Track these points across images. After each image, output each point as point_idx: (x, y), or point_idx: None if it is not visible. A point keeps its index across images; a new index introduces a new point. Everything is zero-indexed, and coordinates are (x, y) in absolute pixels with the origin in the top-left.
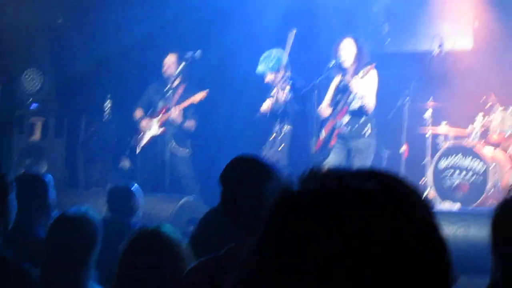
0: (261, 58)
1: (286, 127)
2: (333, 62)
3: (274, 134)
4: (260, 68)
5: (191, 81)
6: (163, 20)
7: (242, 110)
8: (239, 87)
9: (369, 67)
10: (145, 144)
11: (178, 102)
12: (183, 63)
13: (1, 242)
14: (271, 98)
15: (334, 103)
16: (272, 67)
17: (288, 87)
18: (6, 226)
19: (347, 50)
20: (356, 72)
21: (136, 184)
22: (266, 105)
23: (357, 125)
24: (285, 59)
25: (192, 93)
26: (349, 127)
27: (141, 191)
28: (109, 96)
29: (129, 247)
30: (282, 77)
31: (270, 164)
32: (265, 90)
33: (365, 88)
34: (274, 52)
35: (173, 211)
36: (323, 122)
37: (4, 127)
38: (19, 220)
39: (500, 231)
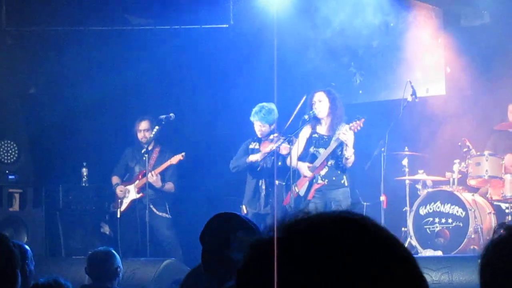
0: (256, 109)
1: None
2: (306, 116)
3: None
4: (254, 119)
5: (166, 144)
6: (136, 85)
7: (220, 170)
8: (214, 147)
9: (358, 122)
10: (124, 210)
11: (154, 166)
12: (157, 127)
13: None
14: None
15: (310, 156)
16: (267, 119)
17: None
18: None
19: (320, 103)
20: (332, 124)
21: (112, 249)
22: (255, 157)
23: (334, 177)
24: (276, 114)
25: (168, 156)
26: (326, 180)
27: (117, 255)
28: (85, 164)
29: None
30: (281, 133)
31: (250, 221)
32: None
33: (348, 142)
34: (268, 105)
35: (155, 274)
36: (295, 175)
37: None
38: None
39: (489, 272)
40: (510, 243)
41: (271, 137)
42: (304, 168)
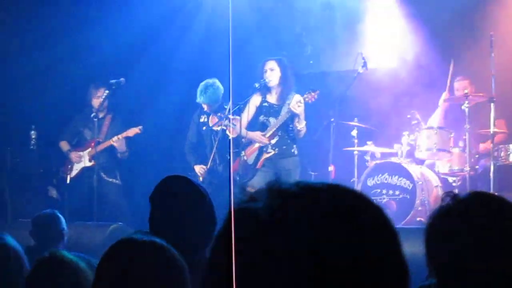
0: (201, 88)
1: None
2: (257, 84)
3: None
4: (201, 100)
5: (117, 111)
6: (88, 49)
7: (170, 138)
8: (167, 115)
9: (313, 93)
10: (74, 176)
11: (107, 134)
12: (107, 91)
13: None
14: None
15: (259, 125)
16: (214, 99)
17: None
18: None
19: (271, 72)
20: (282, 94)
21: (57, 212)
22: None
23: (284, 146)
24: (222, 89)
25: (119, 123)
26: (276, 149)
27: (62, 218)
28: (33, 126)
29: (31, 274)
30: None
31: (200, 185)
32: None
33: (301, 115)
34: (212, 82)
35: (103, 238)
36: (245, 143)
37: None
38: None
39: (433, 238)
40: (454, 210)
41: (219, 114)
42: (258, 136)
